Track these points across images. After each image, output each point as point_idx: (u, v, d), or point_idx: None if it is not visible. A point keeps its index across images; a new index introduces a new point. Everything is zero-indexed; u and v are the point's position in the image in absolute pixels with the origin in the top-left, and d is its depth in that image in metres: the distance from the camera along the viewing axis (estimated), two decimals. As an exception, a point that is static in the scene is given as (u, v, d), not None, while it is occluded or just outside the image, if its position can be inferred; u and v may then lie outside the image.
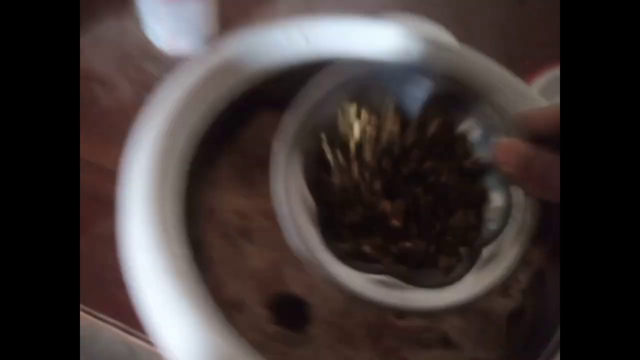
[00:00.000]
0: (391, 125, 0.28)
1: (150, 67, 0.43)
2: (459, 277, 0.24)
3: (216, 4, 0.43)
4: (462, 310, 0.27)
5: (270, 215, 0.29)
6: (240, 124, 0.33)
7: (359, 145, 0.27)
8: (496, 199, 0.26)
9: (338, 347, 0.27)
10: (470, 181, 0.27)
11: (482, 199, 0.26)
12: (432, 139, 0.28)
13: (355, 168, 0.27)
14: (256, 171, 0.32)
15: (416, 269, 0.25)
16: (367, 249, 0.25)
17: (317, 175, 0.27)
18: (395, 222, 0.26)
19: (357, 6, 0.48)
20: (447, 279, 0.24)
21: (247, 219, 0.30)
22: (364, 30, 0.32)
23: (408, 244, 0.25)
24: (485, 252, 0.24)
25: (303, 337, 0.27)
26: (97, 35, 0.43)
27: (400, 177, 0.27)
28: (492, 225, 0.25)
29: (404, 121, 0.28)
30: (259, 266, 0.29)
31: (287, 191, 0.25)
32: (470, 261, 0.24)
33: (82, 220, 0.33)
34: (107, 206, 0.27)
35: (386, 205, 0.26)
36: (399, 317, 0.28)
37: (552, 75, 0.43)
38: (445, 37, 0.40)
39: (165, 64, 0.43)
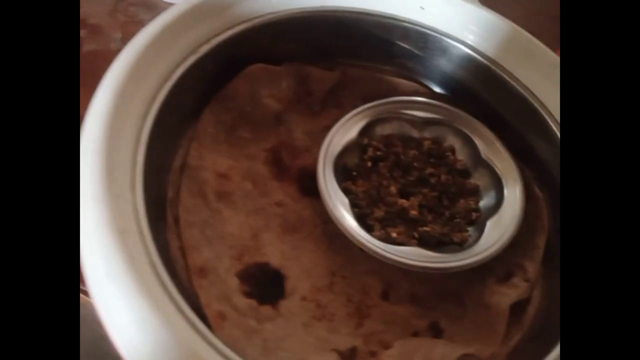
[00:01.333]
0: (395, 147, 0.36)
1: (142, 14, 0.41)
2: (470, 246, 0.31)
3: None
4: (473, 269, 0.29)
5: (256, 179, 0.30)
6: (229, 77, 0.32)
7: (374, 162, 0.35)
8: (490, 193, 0.34)
9: (314, 325, 0.27)
10: (464, 178, 0.35)
11: (476, 189, 0.34)
12: (428, 152, 0.36)
13: (374, 177, 0.34)
14: (244, 129, 0.32)
15: (436, 246, 0.32)
16: (394, 235, 0.32)
17: (344, 185, 0.33)
18: (414, 213, 0.33)
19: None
20: (462, 249, 0.31)
21: (228, 181, 0.30)
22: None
23: (427, 228, 0.32)
24: (489, 223, 0.31)
25: (274, 312, 0.27)
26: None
27: (409, 182, 0.35)
28: (490, 204, 0.33)
29: (404, 143, 0.36)
30: (236, 232, 0.29)
31: (330, 194, 0.31)
32: (479, 233, 0.32)
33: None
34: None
35: (404, 202, 0.34)
36: (385, 299, 0.30)
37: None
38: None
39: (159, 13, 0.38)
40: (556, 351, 0.24)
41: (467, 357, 0.26)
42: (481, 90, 0.36)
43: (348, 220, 0.31)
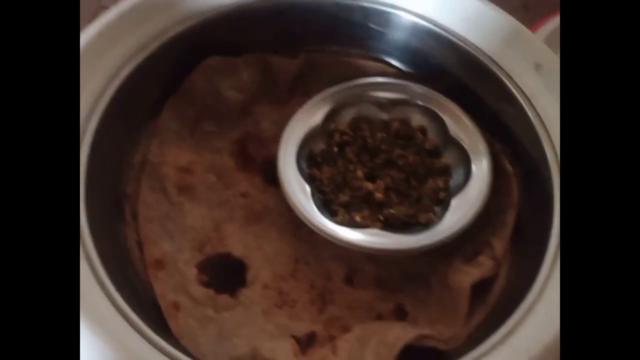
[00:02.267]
0: (363, 130, 0.35)
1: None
2: (435, 226, 0.30)
3: None
4: (434, 249, 0.28)
5: (220, 171, 0.30)
6: (187, 71, 0.32)
7: (341, 147, 0.34)
8: (459, 171, 0.32)
9: (274, 312, 0.27)
10: (434, 157, 0.34)
11: (446, 169, 0.33)
12: (396, 133, 0.35)
13: (340, 163, 0.34)
14: (208, 123, 0.32)
15: (402, 229, 0.31)
16: (358, 218, 0.31)
17: (309, 172, 0.33)
18: (379, 196, 0.32)
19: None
20: (427, 229, 0.31)
21: (190, 174, 0.30)
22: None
23: (392, 211, 0.32)
24: (454, 202, 0.30)
25: (233, 301, 0.27)
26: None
27: (377, 165, 0.34)
28: (458, 182, 0.32)
29: (371, 126, 0.36)
30: (197, 225, 0.29)
31: (290, 182, 0.31)
32: (442, 212, 0.31)
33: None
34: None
35: (369, 185, 0.33)
36: (349, 284, 0.29)
37: (553, 24, 0.45)
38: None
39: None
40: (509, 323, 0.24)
41: (424, 338, 0.26)
42: (448, 65, 0.35)
43: (307, 206, 0.31)
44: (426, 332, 0.26)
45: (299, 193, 0.31)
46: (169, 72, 0.33)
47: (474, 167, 0.32)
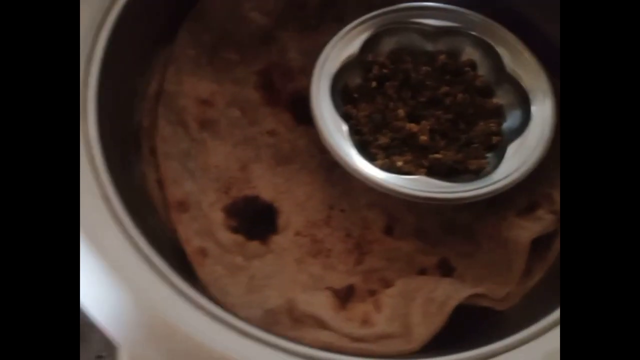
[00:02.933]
0: (405, 63, 0.31)
1: None
2: (488, 174, 0.27)
3: None
4: (486, 199, 0.26)
5: (244, 106, 0.27)
6: None
7: (380, 81, 0.30)
8: (515, 113, 0.29)
9: (308, 262, 0.25)
10: (485, 97, 0.30)
11: (499, 110, 0.29)
12: (443, 68, 0.31)
13: (379, 100, 0.30)
14: (228, 50, 0.29)
15: (449, 176, 0.28)
16: (400, 163, 0.28)
17: (344, 110, 0.29)
18: (423, 138, 0.29)
19: None
20: (478, 177, 0.27)
21: (211, 107, 0.27)
22: None
23: (438, 156, 0.28)
24: (511, 148, 0.27)
25: (264, 249, 0.25)
26: None
27: (420, 104, 0.30)
28: (514, 125, 0.29)
29: (414, 58, 0.31)
30: (222, 164, 0.27)
31: (324, 120, 0.28)
32: (498, 159, 0.27)
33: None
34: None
35: (412, 126, 0.29)
36: (388, 234, 0.27)
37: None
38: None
39: None
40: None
41: (476, 298, 0.24)
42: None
43: (345, 148, 0.27)
44: (479, 291, 0.24)
45: (336, 133, 0.28)
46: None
47: (533, 109, 0.28)
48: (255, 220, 0.26)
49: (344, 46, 0.30)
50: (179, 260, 0.24)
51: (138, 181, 0.24)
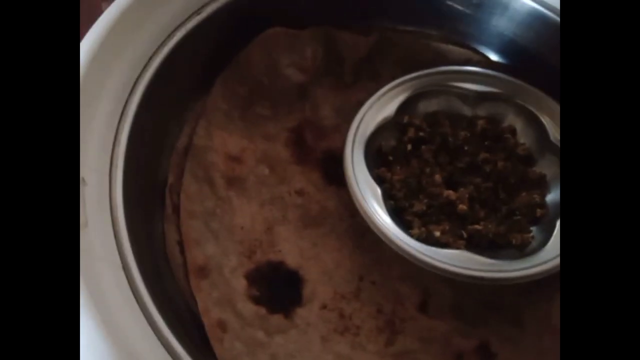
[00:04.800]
0: (442, 126, 0.30)
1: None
2: (534, 252, 0.25)
3: None
4: (541, 278, 0.23)
5: (274, 163, 0.25)
6: (243, 43, 0.27)
7: (415, 145, 0.29)
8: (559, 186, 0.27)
9: (334, 340, 0.23)
10: (527, 166, 0.29)
11: (542, 180, 0.28)
12: (482, 133, 0.30)
13: (414, 163, 0.29)
14: (262, 104, 0.28)
15: (489, 250, 0.26)
16: (437, 234, 0.26)
17: (377, 172, 0.28)
18: (463, 207, 0.27)
19: None
20: (523, 254, 0.25)
21: (240, 164, 0.26)
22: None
23: (478, 227, 0.26)
24: (560, 224, 0.25)
25: (287, 323, 0.23)
26: None
27: (458, 170, 0.29)
28: (558, 199, 0.26)
29: (452, 122, 0.30)
30: (247, 225, 0.25)
31: (358, 181, 0.26)
32: (545, 235, 0.25)
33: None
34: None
35: (450, 194, 0.28)
36: (423, 311, 0.25)
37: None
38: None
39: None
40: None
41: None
42: (551, 56, 0.29)
43: (380, 214, 0.26)
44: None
45: (369, 196, 0.26)
46: (224, 42, 0.28)
47: (581, 182, 0.26)
48: (279, 289, 0.25)
49: (380, 107, 0.29)
50: (198, 331, 0.22)
51: (158, 241, 0.23)
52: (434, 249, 0.25)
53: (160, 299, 0.19)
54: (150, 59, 0.23)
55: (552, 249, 0.24)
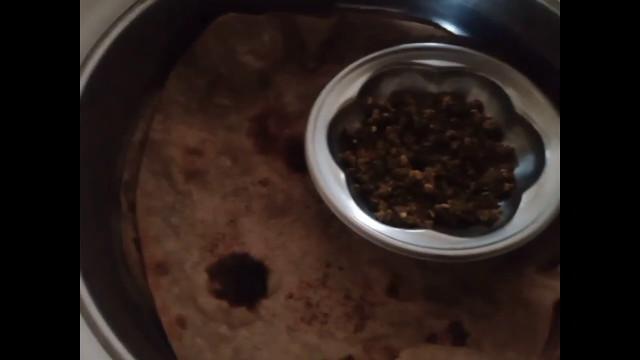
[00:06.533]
0: (407, 106, 0.29)
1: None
2: (502, 226, 0.25)
3: None
4: (502, 257, 0.23)
5: (236, 154, 0.25)
6: (196, 32, 0.27)
7: (380, 126, 0.29)
8: (528, 158, 0.27)
9: (301, 329, 0.23)
10: (495, 140, 0.28)
11: (510, 154, 0.27)
12: (448, 110, 0.29)
13: (380, 145, 0.28)
14: (222, 95, 0.27)
15: (458, 228, 0.26)
16: (404, 215, 0.26)
17: (341, 156, 0.27)
18: (429, 186, 0.26)
19: None
20: (491, 229, 0.25)
21: (200, 157, 0.26)
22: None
23: (445, 205, 0.26)
24: (525, 197, 0.25)
25: (252, 315, 0.23)
26: None
27: (425, 148, 0.28)
28: (527, 171, 0.26)
29: (417, 100, 0.30)
30: (208, 218, 0.25)
31: (320, 167, 0.26)
32: (512, 209, 0.25)
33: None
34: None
35: (416, 173, 0.27)
36: (393, 295, 0.24)
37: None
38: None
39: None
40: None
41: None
42: (514, 27, 0.29)
43: (343, 199, 0.25)
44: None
45: (332, 182, 0.26)
46: (175, 32, 0.27)
47: (548, 153, 0.26)
48: (242, 281, 0.24)
49: (341, 90, 0.29)
50: (158, 331, 0.21)
51: (113, 240, 0.22)
52: (399, 230, 0.24)
53: (112, 299, 0.18)
54: (93, 51, 0.22)
55: (519, 222, 0.24)
